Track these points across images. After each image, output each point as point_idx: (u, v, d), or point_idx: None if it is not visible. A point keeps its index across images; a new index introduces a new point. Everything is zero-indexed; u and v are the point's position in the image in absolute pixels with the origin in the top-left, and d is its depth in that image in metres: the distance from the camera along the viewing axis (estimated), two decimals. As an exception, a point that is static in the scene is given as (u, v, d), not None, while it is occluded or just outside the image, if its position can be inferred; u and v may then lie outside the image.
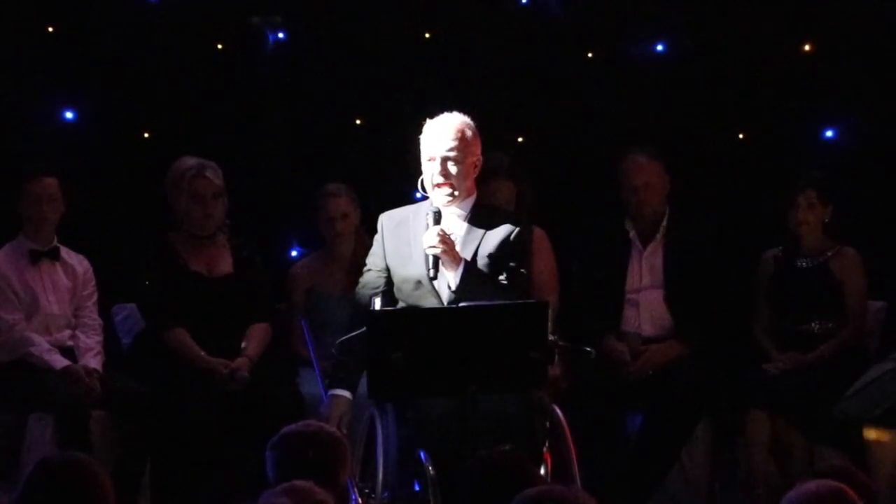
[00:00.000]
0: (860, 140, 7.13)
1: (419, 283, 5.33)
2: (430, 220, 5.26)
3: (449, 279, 5.24)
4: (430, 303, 5.30)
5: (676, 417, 6.21)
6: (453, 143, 5.32)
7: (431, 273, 5.21)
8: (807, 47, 7.20)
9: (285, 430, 3.99)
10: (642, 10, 7.26)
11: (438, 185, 5.33)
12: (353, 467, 5.18)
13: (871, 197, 6.97)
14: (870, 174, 7.03)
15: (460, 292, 5.20)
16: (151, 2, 7.18)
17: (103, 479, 3.46)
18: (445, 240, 5.19)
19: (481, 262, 5.33)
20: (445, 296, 5.28)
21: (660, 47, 7.34)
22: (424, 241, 5.22)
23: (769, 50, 7.18)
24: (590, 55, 7.35)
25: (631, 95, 7.26)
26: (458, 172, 5.33)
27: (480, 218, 5.40)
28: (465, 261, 5.24)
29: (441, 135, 5.34)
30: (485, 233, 5.36)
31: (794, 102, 7.18)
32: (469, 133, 5.36)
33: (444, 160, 5.32)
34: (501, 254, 5.33)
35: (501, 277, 5.30)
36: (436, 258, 5.21)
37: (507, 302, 5.09)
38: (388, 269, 5.45)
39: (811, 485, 3.32)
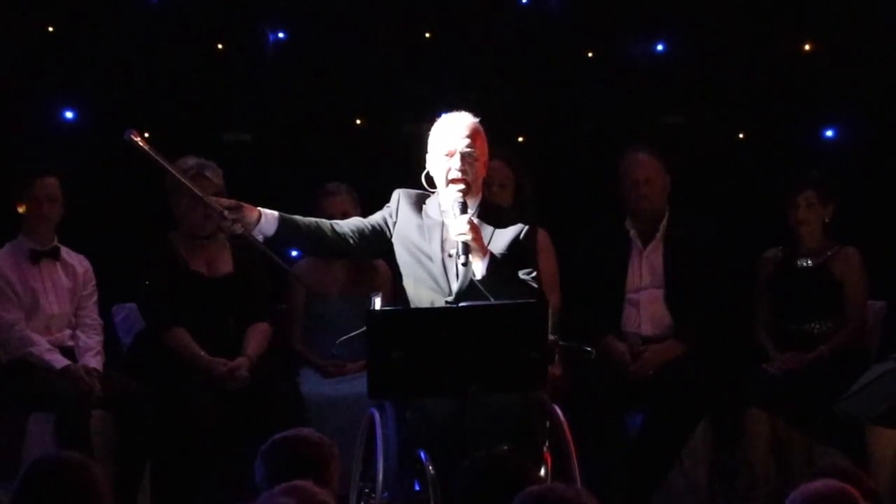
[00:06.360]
0: (860, 140, 7.13)
1: (429, 257, 5.31)
2: (457, 210, 5.22)
3: (475, 269, 5.21)
4: (432, 284, 5.29)
5: (676, 417, 6.21)
6: (472, 140, 5.29)
7: (462, 259, 5.16)
8: (807, 47, 7.21)
9: (275, 437, 4.01)
10: (642, 10, 7.27)
11: (454, 181, 5.28)
12: (353, 468, 5.19)
13: (871, 197, 6.97)
14: (870, 174, 7.04)
15: (487, 283, 5.17)
16: (151, 2, 7.18)
17: (97, 478, 3.45)
18: (475, 228, 5.18)
19: None
20: (456, 277, 5.27)
21: (660, 47, 7.35)
22: (454, 229, 5.17)
23: (769, 50, 7.18)
24: (590, 55, 7.35)
25: (631, 95, 7.26)
26: (475, 169, 5.31)
27: (488, 216, 5.37)
28: (491, 252, 5.22)
29: (460, 131, 5.29)
30: (493, 230, 5.34)
31: (794, 102, 7.19)
32: (482, 132, 5.35)
33: (465, 156, 5.27)
34: (512, 253, 5.31)
35: (522, 273, 5.29)
36: (465, 245, 5.18)
37: (507, 302, 5.08)
38: (377, 232, 5.39)
39: (815, 484, 3.30)
